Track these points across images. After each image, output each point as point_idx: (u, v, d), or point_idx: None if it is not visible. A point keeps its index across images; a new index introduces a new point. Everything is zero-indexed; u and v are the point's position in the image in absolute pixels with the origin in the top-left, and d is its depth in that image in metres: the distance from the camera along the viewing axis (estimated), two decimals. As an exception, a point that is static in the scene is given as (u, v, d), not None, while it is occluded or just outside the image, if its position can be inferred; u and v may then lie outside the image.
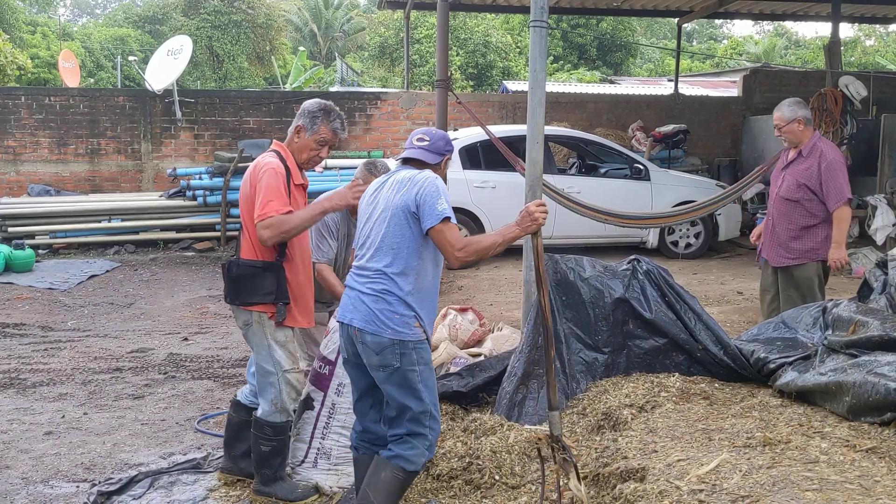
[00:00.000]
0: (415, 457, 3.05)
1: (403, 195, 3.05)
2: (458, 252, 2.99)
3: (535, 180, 4.49)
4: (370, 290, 3.04)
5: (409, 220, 3.02)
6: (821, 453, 2.98)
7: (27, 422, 4.69)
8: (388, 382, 3.04)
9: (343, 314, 3.13)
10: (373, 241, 3.10)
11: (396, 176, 3.18)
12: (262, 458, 3.60)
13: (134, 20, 32.43)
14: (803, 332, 4.30)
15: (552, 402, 3.16)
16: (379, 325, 3.00)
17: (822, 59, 12.27)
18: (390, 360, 3.00)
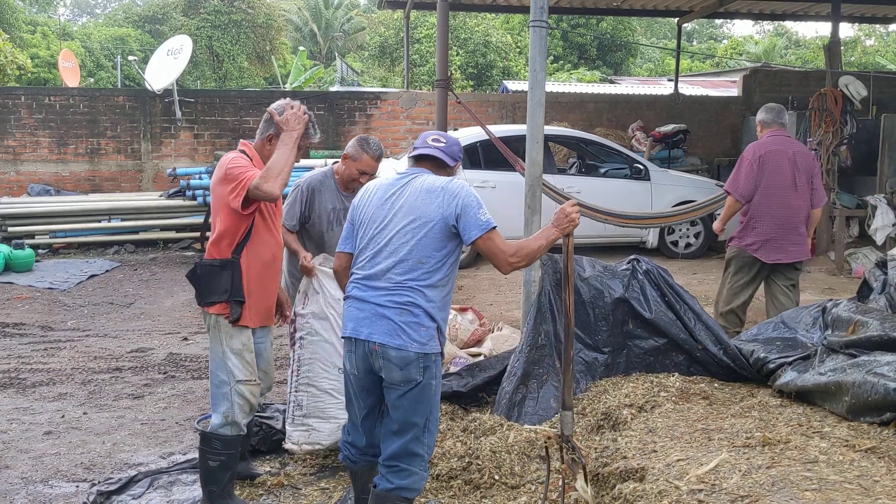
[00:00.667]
0: (415, 483, 2.94)
1: (440, 207, 2.90)
2: (511, 258, 2.93)
3: (535, 180, 4.49)
4: (392, 303, 2.88)
5: (447, 233, 2.91)
6: (820, 453, 2.98)
7: (27, 421, 4.69)
8: (404, 398, 2.89)
9: (357, 329, 2.93)
10: (394, 251, 2.92)
11: (422, 181, 3.00)
12: (210, 474, 3.44)
13: (134, 20, 32.43)
14: (803, 331, 4.31)
15: (566, 402, 3.14)
16: (405, 338, 2.86)
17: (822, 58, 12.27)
18: (414, 374, 2.87)
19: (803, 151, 5.50)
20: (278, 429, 4.18)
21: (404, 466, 2.92)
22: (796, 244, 5.34)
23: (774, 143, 5.43)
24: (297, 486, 3.79)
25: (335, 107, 12.42)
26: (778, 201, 5.30)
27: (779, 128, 5.51)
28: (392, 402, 2.93)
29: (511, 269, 2.99)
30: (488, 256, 2.94)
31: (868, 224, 8.98)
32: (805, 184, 5.35)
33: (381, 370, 2.90)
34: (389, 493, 2.92)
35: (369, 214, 3.03)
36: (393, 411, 2.94)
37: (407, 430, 2.92)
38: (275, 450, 4.17)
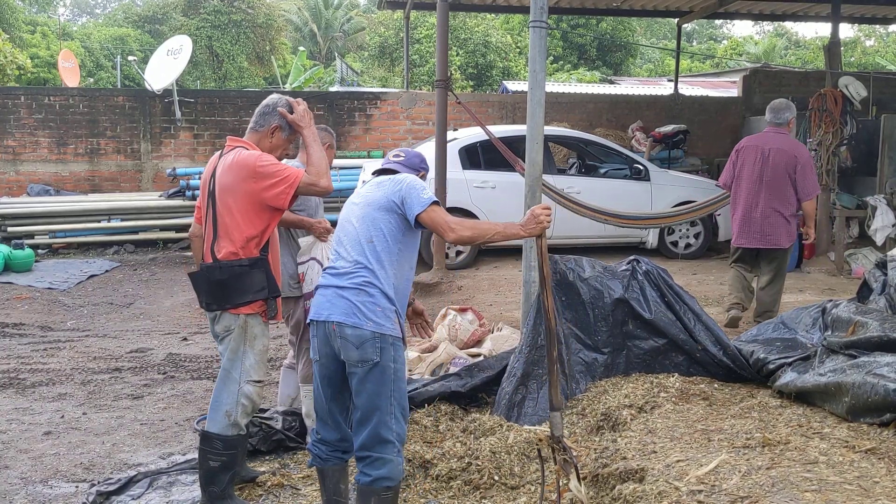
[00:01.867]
0: (391, 472, 2.98)
1: (384, 191, 3.10)
2: (454, 225, 3.04)
3: (535, 180, 4.49)
4: (350, 284, 3.01)
5: (389, 213, 3.06)
6: (820, 454, 2.98)
7: (26, 422, 4.68)
8: (365, 380, 2.96)
9: (318, 312, 3.06)
10: (350, 237, 3.10)
11: (375, 179, 3.23)
12: (211, 475, 3.43)
13: (134, 20, 32.42)
14: (803, 332, 4.31)
15: (554, 403, 3.14)
16: (360, 317, 2.96)
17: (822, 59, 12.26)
18: (370, 354, 2.95)
19: (783, 149, 5.84)
20: (278, 429, 4.18)
21: (377, 455, 2.97)
22: (767, 234, 5.88)
23: (755, 139, 6.04)
24: (297, 487, 3.79)
25: (335, 107, 12.42)
26: (745, 193, 5.94)
27: (772, 126, 5.99)
28: (355, 387, 3.00)
29: (455, 236, 3.05)
30: (432, 228, 3.05)
31: (868, 224, 8.98)
32: (778, 179, 5.81)
33: (339, 351, 3.00)
34: (371, 487, 2.98)
35: (340, 219, 3.23)
36: (356, 398, 3.01)
37: (371, 415, 2.97)
38: (274, 450, 4.17)
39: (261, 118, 3.59)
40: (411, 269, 3.19)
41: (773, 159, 5.81)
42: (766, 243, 5.92)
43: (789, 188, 5.81)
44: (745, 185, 5.93)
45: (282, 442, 4.20)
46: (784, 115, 5.96)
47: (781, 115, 5.95)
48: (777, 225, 5.87)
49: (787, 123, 5.99)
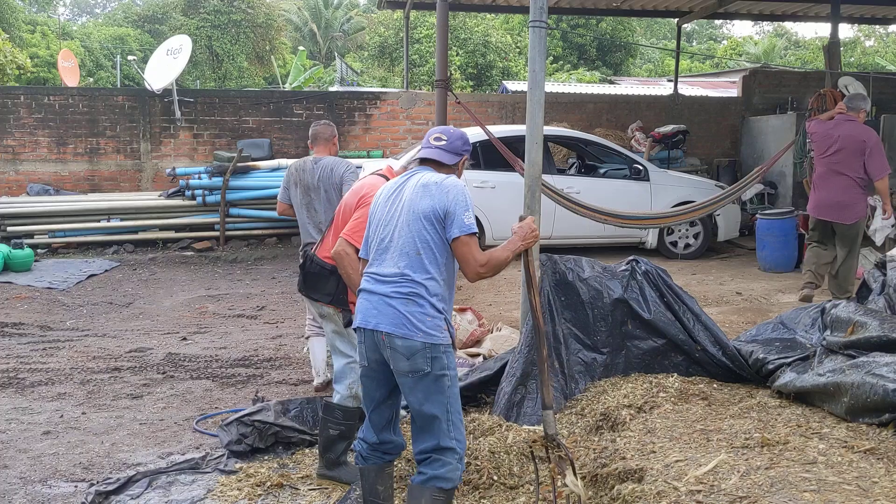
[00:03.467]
0: (449, 473, 2.94)
1: (431, 200, 2.98)
2: (481, 267, 2.96)
3: (535, 181, 4.49)
4: (398, 294, 2.94)
5: (435, 225, 2.97)
6: (819, 454, 2.98)
7: (25, 421, 4.68)
8: (416, 390, 2.92)
9: (366, 319, 3.00)
10: (396, 245, 3.01)
11: (419, 178, 3.09)
12: (329, 442, 3.77)
13: (133, 19, 32.41)
14: (802, 332, 4.31)
15: (546, 402, 3.16)
16: (410, 328, 2.91)
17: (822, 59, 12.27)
18: (421, 364, 2.90)
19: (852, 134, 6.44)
20: (271, 422, 4.18)
21: (437, 457, 2.95)
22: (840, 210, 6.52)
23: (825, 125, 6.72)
24: (296, 487, 3.79)
25: (335, 107, 12.42)
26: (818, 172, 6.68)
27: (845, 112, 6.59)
28: (406, 397, 2.98)
29: (477, 279, 3.03)
30: (460, 259, 2.98)
31: (867, 225, 8.98)
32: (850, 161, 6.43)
33: (389, 360, 2.96)
34: (424, 486, 2.94)
35: (377, 215, 3.14)
36: (410, 407, 2.99)
37: (428, 425, 2.95)
38: (272, 445, 4.17)
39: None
40: (455, 273, 3.14)
41: (843, 143, 6.42)
42: (840, 218, 6.52)
43: (860, 169, 6.41)
44: (818, 168, 6.63)
45: (279, 435, 4.18)
46: (858, 104, 6.59)
47: (855, 103, 6.59)
48: (847, 203, 6.48)
49: (858, 111, 6.57)
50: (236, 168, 10.69)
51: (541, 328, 3.23)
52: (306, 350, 6.16)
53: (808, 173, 9.06)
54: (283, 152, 12.01)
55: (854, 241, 6.64)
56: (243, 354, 6.09)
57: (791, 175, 11.28)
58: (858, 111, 6.60)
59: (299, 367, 5.76)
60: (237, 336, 6.75)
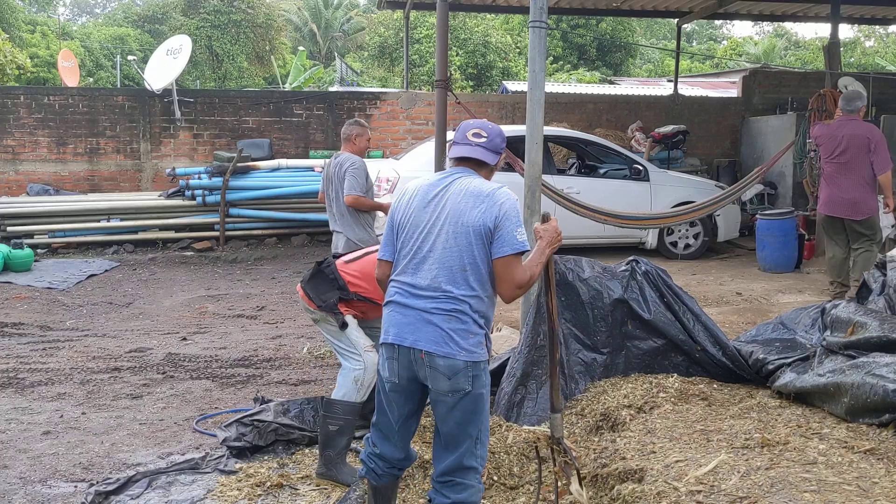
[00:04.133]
0: (471, 497, 2.81)
1: (482, 214, 2.78)
2: (519, 290, 2.80)
3: (535, 181, 4.49)
4: (439, 310, 2.76)
5: (484, 240, 2.77)
6: (819, 454, 2.98)
7: (25, 421, 4.68)
8: (455, 409, 2.76)
9: (401, 336, 2.80)
10: (436, 257, 2.80)
11: (465, 183, 2.88)
12: (329, 438, 3.77)
13: (133, 19, 32.42)
14: (802, 333, 4.31)
15: (555, 405, 3.13)
16: (452, 346, 2.73)
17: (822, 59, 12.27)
18: (462, 384, 2.74)
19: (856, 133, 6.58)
20: (270, 420, 4.19)
21: (459, 480, 2.81)
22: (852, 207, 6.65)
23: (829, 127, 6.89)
24: (296, 487, 3.79)
25: (335, 107, 12.43)
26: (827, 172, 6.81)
27: (845, 113, 6.73)
28: (441, 415, 2.81)
29: (513, 299, 2.86)
30: (501, 277, 2.79)
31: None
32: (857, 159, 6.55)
33: (426, 379, 2.78)
34: None
35: (411, 218, 2.91)
36: (442, 425, 2.83)
37: (459, 444, 2.80)
38: (272, 444, 4.16)
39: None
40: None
41: (848, 143, 6.56)
42: (852, 214, 6.67)
43: (867, 166, 6.54)
44: (827, 169, 6.80)
45: (278, 431, 4.18)
46: (855, 104, 6.70)
47: (853, 104, 6.69)
48: (858, 200, 6.62)
49: (857, 111, 6.69)
50: (236, 168, 10.69)
51: (556, 331, 3.13)
52: (306, 350, 6.16)
53: (808, 173, 9.10)
54: (282, 152, 12.02)
55: (872, 232, 6.76)
56: (243, 354, 6.09)
57: (791, 175, 11.29)
58: (858, 111, 6.70)
59: (299, 367, 5.76)
60: (237, 336, 6.75)
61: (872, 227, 6.77)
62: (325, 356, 5.98)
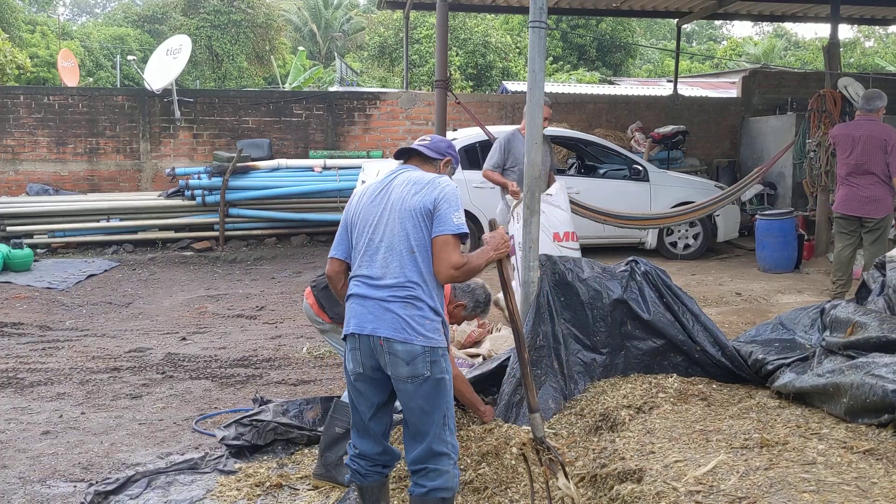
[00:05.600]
0: (448, 482, 2.90)
1: (422, 196, 2.92)
2: (455, 270, 2.89)
3: (534, 181, 4.49)
4: (395, 298, 2.85)
5: (426, 221, 2.90)
6: (818, 455, 2.98)
7: (25, 421, 4.68)
8: (416, 395, 2.85)
9: (361, 325, 2.89)
10: (387, 245, 2.91)
11: (407, 175, 3.03)
12: (332, 441, 3.75)
13: (133, 19, 32.40)
14: (801, 333, 4.31)
15: (531, 405, 3.16)
16: (410, 332, 2.83)
17: (822, 60, 12.27)
18: (421, 369, 2.83)
19: (872, 134, 6.56)
20: (269, 419, 4.19)
21: (433, 467, 2.88)
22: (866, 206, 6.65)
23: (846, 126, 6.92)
24: (295, 487, 3.79)
25: (334, 107, 12.43)
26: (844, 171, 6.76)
27: (864, 113, 6.73)
28: (404, 402, 2.89)
29: (447, 281, 2.97)
30: (439, 256, 2.89)
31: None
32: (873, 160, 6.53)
33: (386, 367, 2.87)
34: (425, 497, 2.89)
35: (361, 215, 3.04)
36: (407, 413, 2.90)
37: (426, 431, 2.88)
38: (271, 443, 4.16)
39: None
40: None
41: (865, 143, 6.54)
42: (869, 213, 6.67)
43: (884, 167, 6.53)
44: (843, 168, 6.77)
45: (277, 430, 4.18)
46: (875, 104, 6.66)
47: (872, 104, 6.66)
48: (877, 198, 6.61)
49: (876, 111, 6.66)
50: (236, 168, 10.69)
51: (520, 332, 3.23)
52: (305, 350, 6.16)
53: (808, 174, 9.11)
54: (282, 152, 12.02)
55: (884, 232, 6.78)
56: (242, 354, 6.09)
57: (790, 176, 11.30)
58: (877, 110, 6.69)
59: (298, 367, 5.76)
60: (236, 336, 6.75)
61: (887, 226, 6.78)
62: (324, 356, 5.98)
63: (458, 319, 4.13)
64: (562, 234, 6.10)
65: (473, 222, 9.01)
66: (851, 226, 6.87)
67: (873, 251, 6.69)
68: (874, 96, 6.75)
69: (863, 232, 6.84)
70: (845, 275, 6.96)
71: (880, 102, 6.71)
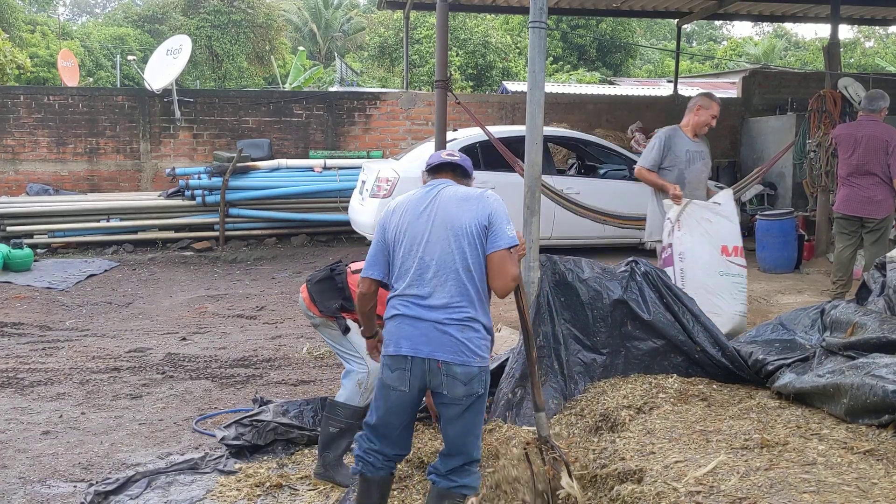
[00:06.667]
0: (475, 482, 2.99)
1: (475, 213, 2.91)
2: (513, 283, 2.91)
3: (534, 181, 4.49)
4: (451, 320, 2.85)
5: (480, 239, 2.90)
6: (818, 455, 2.98)
7: (25, 421, 4.68)
8: (467, 411, 2.88)
9: (416, 348, 2.86)
10: (438, 264, 2.88)
11: (452, 190, 3.01)
12: (329, 440, 3.80)
13: (133, 19, 32.41)
14: (801, 333, 4.31)
15: (537, 404, 3.17)
16: (469, 355, 2.85)
17: (822, 60, 12.27)
18: (477, 388, 2.88)
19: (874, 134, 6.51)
20: (269, 419, 4.19)
21: (466, 468, 2.96)
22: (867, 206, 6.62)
23: (849, 127, 6.88)
24: (295, 487, 3.79)
25: (334, 107, 12.42)
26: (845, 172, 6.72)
27: (866, 113, 6.69)
28: (451, 417, 2.90)
29: (507, 293, 2.96)
30: (497, 272, 2.88)
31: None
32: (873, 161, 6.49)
33: (441, 387, 2.86)
34: (451, 491, 2.95)
35: (405, 231, 2.98)
36: (451, 427, 2.92)
37: (468, 442, 2.93)
38: (271, 443, 4.17)
39: None
40: None
41: (867, 144, 6.51)
42: (870, 213, 6.64)
43: (885, 168, 6.48)
44: (844, 169, 6.74)
45: (277, 430, 4.18)
46: (877, 104, 6.63)
47: (875, 104, 6.63)
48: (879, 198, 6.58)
49: (879, 111, 6.61)
50: (236, 168, 10.69)
51: (529, 331, 3.23)
52: (305, 350, 6.16)
53: (808, 174, 9.10)
54: (282, 152, 12.02)
55: (885, 232, 6.76)
56: (242, 355, 6.09)
57: (790, 176, 11.29)
58: (879, 111, 6.67)
59: (298, 368, 5.76)
60: (236, 336, 6.74)
61: (887, 228, 6.76)
62: (324, 356, 5.98)
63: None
64: (731, 248, 5.67)
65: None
66: (852, 226, 6.84)
67: (874, 252, 6.65)
68: (877, 97, 6.73)
69: (863, 232, 6.81)
70: (845, 275, 6.94)
71: (883, 103, 6.69)
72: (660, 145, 5.70)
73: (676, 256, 5.31)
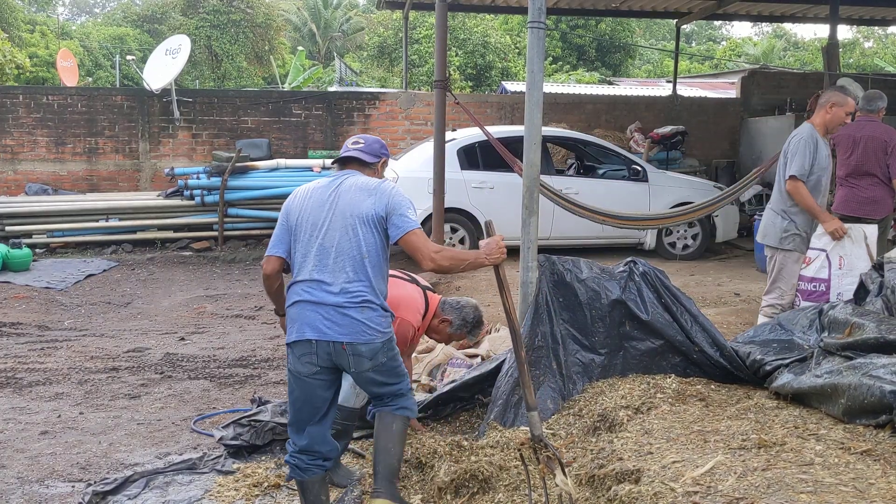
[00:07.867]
0: (409, 403, 3.29)
1: (374, 204, 3.09)
2: (435, 254, 3.07)
3: (533, 181, 4.49)
4: (351, 303, 3.04)
5: (377, 228, 3.09)
6: (816, 455, 2.98)
7: (23, 421, 4.68)
8: (377, 377, 3.15)
9: (320, 332, 3.04)
10: (341, 251, 3.07)
11: (352, 181, 3.19)
12: None
13: (133, 19, 32.41)
14: (799, 334, 4.31)
15: (529, 403, 3.19)
16: (372, 332, 3.07)
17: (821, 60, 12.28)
18: (380, 358, 3.11)
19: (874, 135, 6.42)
20: (267, 419, 4.19)
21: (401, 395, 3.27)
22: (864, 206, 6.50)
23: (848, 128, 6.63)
24: (293, 488, 3.79)
25: (334, 107, 12.43)
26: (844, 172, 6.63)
27: (864, 113, 6.61)
28: (365, 384, 3.23)
29: (433, 266, 3.10)
30: (412, 251, 3.08)
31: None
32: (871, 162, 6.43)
33: (348, 366, 3.09)
34: (394, 412, 3.24)
35: (308, 218, 3.15)
36: (372, 387, 3.23)
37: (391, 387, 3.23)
38: (269, 443, 4.17)
39: None
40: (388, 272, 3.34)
41: (865, 145, 6.48)
42: (869, 213, 6.52)
43: (884, 169, 6.42)
44: (843, 169, 6.66)
45: (275, 430, 4.18)
46: (876, 104, 6.57)
47: (873, 104, 6.58)
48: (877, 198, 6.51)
49: (877, 111, 6.57)
50: (235, 168, 10.69)
51: (517, 330, 3.30)
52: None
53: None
54: (281, 152, 12.02)
55: (883, 233, 6.70)
56: (241, 354, 6.09)
57: (789, 176, 11.27)
58: (878, 111, 6.66)
59: (297, 368, 5.76)
60: (235, 336, 6.75)
61: (885, 229, 6.73)
62: (323, 356, 5.98)
63: (444, 336, 4.21)
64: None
65: (472, 222, 9.01)
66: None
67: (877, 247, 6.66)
68: (875, 97, 6.73)
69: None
70: None
71: (881, 103, 6.68)
72: (810, 150, 5.26)
73: (833, 274, 5.07)
